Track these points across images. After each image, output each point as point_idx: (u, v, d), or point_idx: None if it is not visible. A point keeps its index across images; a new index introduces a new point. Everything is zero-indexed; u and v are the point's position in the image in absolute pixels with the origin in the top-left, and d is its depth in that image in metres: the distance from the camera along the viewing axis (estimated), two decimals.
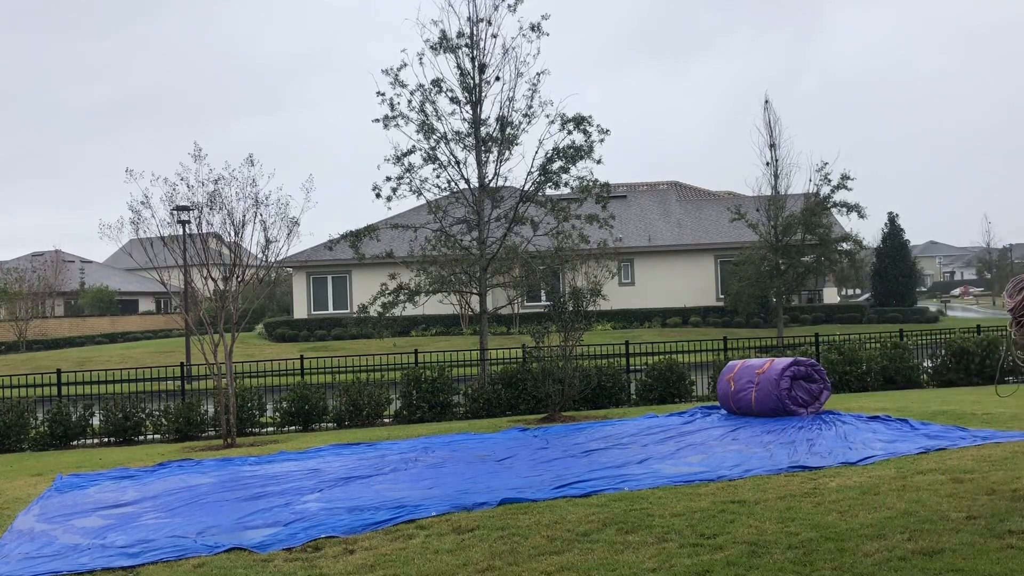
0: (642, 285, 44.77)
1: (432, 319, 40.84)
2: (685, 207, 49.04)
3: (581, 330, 15.16)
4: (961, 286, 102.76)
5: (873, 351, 18.15)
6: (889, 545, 5.77)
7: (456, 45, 20.96)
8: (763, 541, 6.08)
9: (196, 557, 6.81)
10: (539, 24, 20.88)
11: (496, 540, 6.67)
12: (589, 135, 21.06)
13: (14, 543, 7.64)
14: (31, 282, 53.64)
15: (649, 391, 17.11)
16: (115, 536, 7.64)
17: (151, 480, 10.47)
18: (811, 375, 12.75)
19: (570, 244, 22.42)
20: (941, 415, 11.77)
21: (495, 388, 16.62)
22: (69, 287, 63.92)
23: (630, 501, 7.71)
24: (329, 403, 16.50)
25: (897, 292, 45.68)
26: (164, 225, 14.58)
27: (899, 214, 51.66)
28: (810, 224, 35.24)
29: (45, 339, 50.67)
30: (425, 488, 8.91)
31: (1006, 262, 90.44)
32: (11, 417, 15.39)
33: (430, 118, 21.16)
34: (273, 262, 15.29)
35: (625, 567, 5.72)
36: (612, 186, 22.62)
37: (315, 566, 6.35)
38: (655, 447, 10.69)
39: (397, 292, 21.71)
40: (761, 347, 21.17)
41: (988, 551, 5.50)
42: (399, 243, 28.86)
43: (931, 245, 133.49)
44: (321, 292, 45.71)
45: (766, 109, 37.31)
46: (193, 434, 15.78)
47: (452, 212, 22.22)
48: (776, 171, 36.69)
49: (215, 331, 14.51)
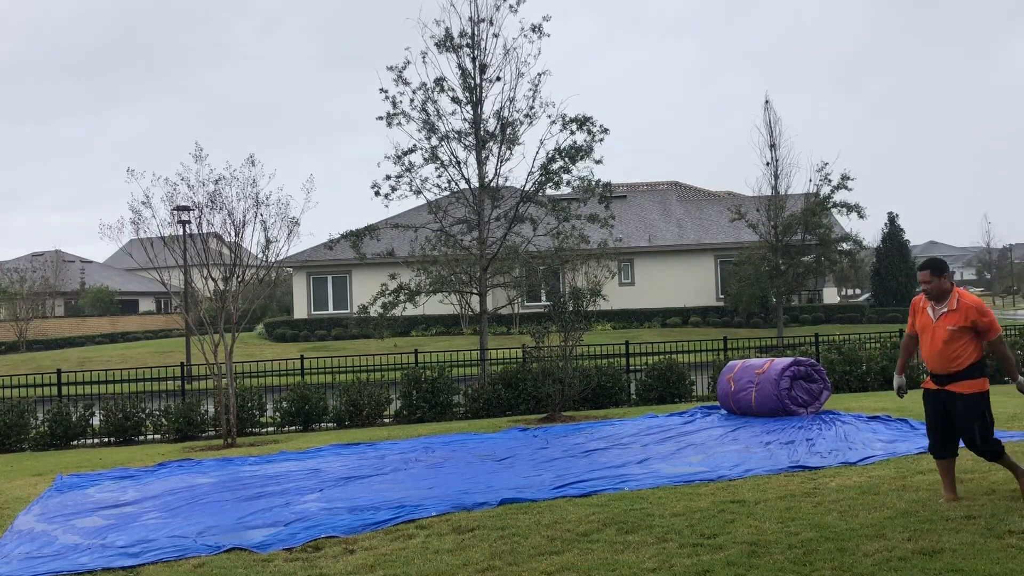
0: (642, 285, 44.76)
1: (432, 319, 40.84)
2: (685, 207, 49.04)
3: (581, 330, 15.15)
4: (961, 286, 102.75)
5: (873, 351, 18.15)
6: (889, 545, 5.77)
7: (458, 45, 20.97)
8: (763, 541, 6.08)
9: (196, 557, 6.81)
10: (540, 25, 20.92)
11: (496, 540, 6.67)
12: (593, 135, 21.08)
13: (14, 543, 7.64)
14: (31, 282, 53.64)
15: (649, 391, 17.10)
16: (115, 536, 7.64)
17: (151, 480, 10.46)
18: (811, 375, 12.75)
19: (570, 244, 22.43)
20: None
21: (495, 388, 16.62)
22: (69, 287, 63.93)
23: (630, 501, 7.71)
24: (329, 403, 16.49)
25: (897, 292, 45.67)
26: (164, 225, 14.59)
27: (899, 214, 51.78)
28: (810, 224, 35.24)
29: (45, 339, 50.68)
30: (425, 488, 8.91)
31: (1006, 262, 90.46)
32: (11, 417, 15.39)
33: (431, 117, 21.18)
34: (273, 262, 15.30)
35: (625, 567, 5.72)
36: (612, 186, 22.63)
37: (315, 566, 6.35)
38: (655, 447, 10.69)
39: (397, 292, 21.72)
40: (761, 347, 21.18)
41: (988, 551, 5.51)
42: (399, 243, 28.87)
43: (931, 245, 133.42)
44: (321, 292, 45.71)
45: (766, 109, 37.33)
46: (193, 434, 15.77)
47: (452, 212, 22.23)
48: (776, 171, 36.70)
49: (215, 331, 14.51)
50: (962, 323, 6.73)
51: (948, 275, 6.96)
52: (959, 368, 6.76)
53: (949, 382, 6.81)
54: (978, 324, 6.74)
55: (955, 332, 6.73)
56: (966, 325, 6.73)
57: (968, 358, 6.75)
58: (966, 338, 6.75)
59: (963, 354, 6.75)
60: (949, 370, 6.79)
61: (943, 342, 6.77)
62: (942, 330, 6.79)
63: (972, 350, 6.76)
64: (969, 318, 6.72)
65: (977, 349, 6.80)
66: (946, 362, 6.79)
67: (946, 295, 6.86)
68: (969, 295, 6.93)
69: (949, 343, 6.75)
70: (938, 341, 6.81)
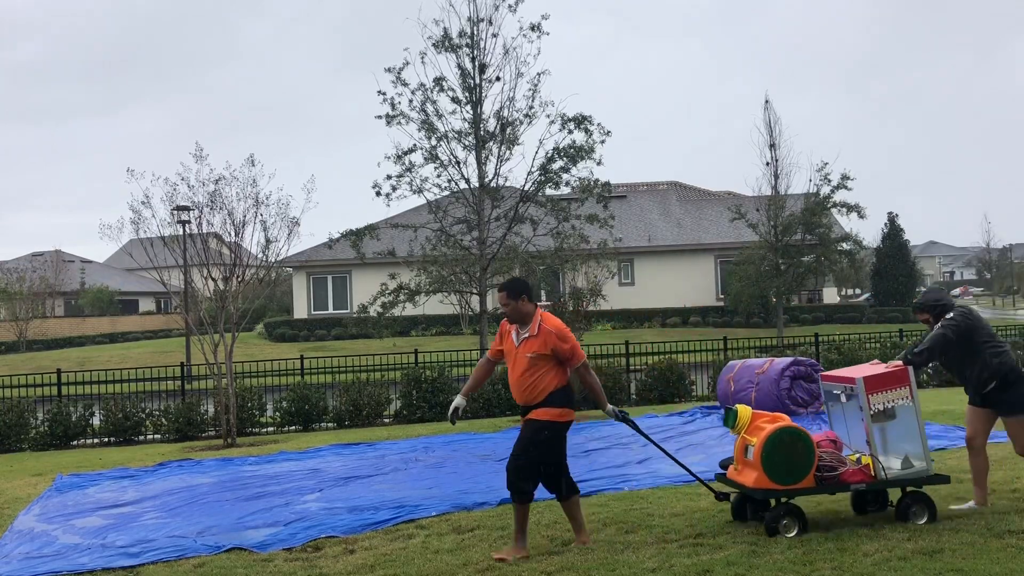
0: (642, 285, 44.74)
1: (432, 319, 40.80)
2: (685, 207, 49.03)
3: (581, 330, 15.16)
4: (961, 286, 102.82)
5: (873, 351, 18.15)
6: (889, 545, 5.77)
7: (457, 45, 20.98)
8: (763, 541, 6.08)
9: (196, 557, 6.81)
10: (539, 24, 20.91)
11: (496, 540, 6.67)
12: (590, 134, 21.07)
13: (14, 543, 7.64)
14: (31, 282, 53.60)
15: (649, 391, 17.09)
16: (115, 536, 7.64)
17: (151, 480, 10.46)
18: (811, 375, 12.75)
19: (570, 244, 22.42)
20: (941, 415, 11.77)
21: (495, 388, 16.61)
22: (69, 287, 63.85)
23: (630, 501, 7.71)
24: (329, 403, 16.49)
25: (897, 292, 45.67)
26: (164, 225, 14.59)
27: (899, 214, 51.74)
28: (810, 224, 35.22)
29: (45, 339, 50.63)
30: (425, 488, 8.91)
31: (1006, 262, 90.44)
32: (11, 417, 15.38)
33: (431, 117, 21.19)
34: (273, 262, 15.29)
35: (625, 567, 5.72)
36: (612, 186, 22.63)
37: (315, 566, 6.35)
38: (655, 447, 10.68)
39: (397, 292, 21.73)
40: (761, 347, 21.17)
41: (988, 551, 5.51)
42: (399, 243, 28.85)
43: (931, 245, 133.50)
44: (321, 292, 45.69)
45: (766, 109, 37.29)
46: (193, 434, 15.76)
47: (452, 212, 22.23)
48: (776, 171, 36.66)
49: (215, 331, 14.50)
50: (542, 350, 6.14)
51: (529, 296, 6.30)
52: (539, 398, 6.16)
53: (528, 413, 6.23)
54: (559, 351, 6.15)
55: (535, 359, 6.15)
56: (546, 352, 6.14)
57: (548, 387, 6.15)
58: (548, 365, 6.17)
59: (543, 383, 6.15)
60: (529, 401, 6.20)
61: (523, 370, 6.19)
62: (523, 357, 6.20)
63: (553, 378, 6.17)
64: (549, 344, 6.13)
65: (560, 377, 6.20)
66: (526, 391, 6.20)
67: (528, 318, 6.25)
68: (552, 319, 6.30)
69: (529, 371, 6.16)
70: (519, 369, 6.22)
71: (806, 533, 6.15)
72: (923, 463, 6.47)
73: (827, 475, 6.40)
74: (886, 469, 6.39)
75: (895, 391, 6.45)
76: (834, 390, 6.90)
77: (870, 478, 6.43)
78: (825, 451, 6.52)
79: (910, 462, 6.47)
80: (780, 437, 6.32)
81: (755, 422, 6.54)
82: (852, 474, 6.43)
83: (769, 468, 6.30)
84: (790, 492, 6.33)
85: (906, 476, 6.44)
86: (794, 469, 6.32)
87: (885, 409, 6.46)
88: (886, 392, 6.44)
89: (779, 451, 6.30)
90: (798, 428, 6.43)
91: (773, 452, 6.30)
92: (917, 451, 6.49)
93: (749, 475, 6.45)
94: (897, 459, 6.51)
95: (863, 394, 6.41)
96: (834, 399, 6.93)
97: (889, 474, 6.40)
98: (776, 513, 6.25)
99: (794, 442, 6.33)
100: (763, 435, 6.35)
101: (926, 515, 6.33)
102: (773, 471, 6.30)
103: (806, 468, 6.35)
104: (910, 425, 6.49)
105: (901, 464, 6.49)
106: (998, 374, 6.59)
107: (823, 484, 6.42)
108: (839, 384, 6.80)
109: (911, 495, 6.43)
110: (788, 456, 6.31)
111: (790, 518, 6.21)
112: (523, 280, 6.55)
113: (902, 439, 6.50)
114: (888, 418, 6.49)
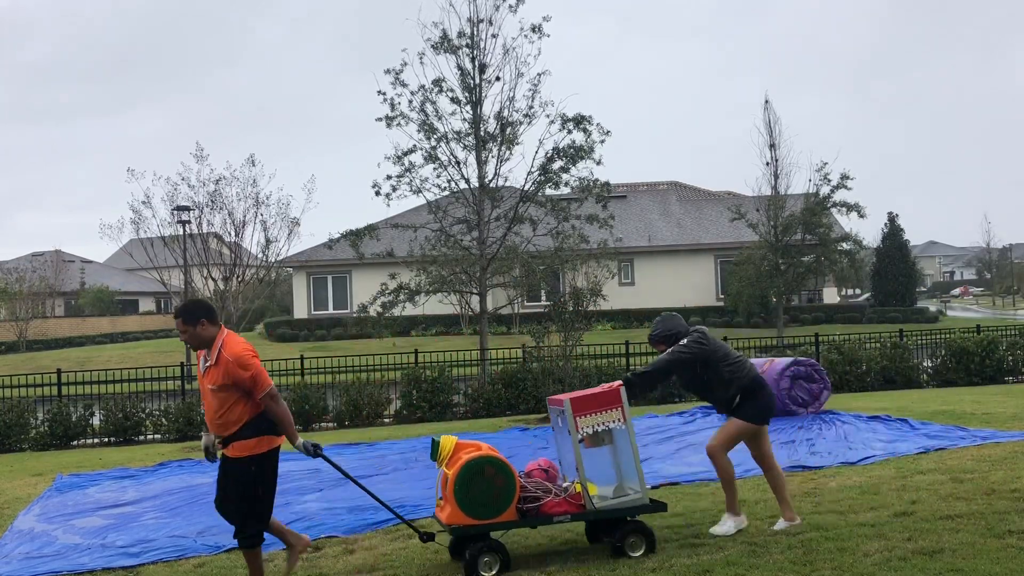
0: (642, 285, 44.75)
1: (432, 319, 40.79)
2: (685, 207, 49.04)
3: (581, 330, 15.14)
4: (961, 286, 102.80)
5: (873, 351, 18.15)
6: (889, 545, 5.77)
7: (456, 45, 20.95)
8: (763, 541, 6.08)
9: (196, 557, 6.82)
10: (540, 25, 20.89)
11: None
12: (589, 133, 21.05)
13: (14, 543, 7.64)
14: (31, 282, 53.59)
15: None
16: (115, 536, 7.64)
17: (151, 480, 10.47)
18: (811, 375, 12.75)
19: (570, 244, 22.40)
20: (941, 415, 11.77)
21: (495, 388, 16.63)
22: (69, 287, 63.86)
23: None
24: (329, 403, 16.49)
25: (897, 292, 45.67)
26: (165, 225, 14.61)
27: (899, 214, 51.73)
28: (810, 224, 35.23)
29: (45, 339, 50.63)
30: (425, 488, 8.90)
31: (1006, 262, 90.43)
32: (11, 417, 15.38)
33: (430, 118, 21.16)
34: (273, 262, 15.31)
35: (625, 567, 5.72)
36: (612, 186, 22.62)
37: (315, 566, 6.36)
38: (655, 447, 10.70)
39: (397, 292, 21.68)
40: (761, 347, 21.18)
41: (988, 551, 5.50)
42: (399, 243, 28.81)
43: (931, 245, 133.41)
44: (321, 292, 45.69)
45: (766, 109, 37.29)
46: (193, 434, 15.74)
47: (452, 212, 22.20)
48: (776, 171, 36.66)
49: None
50: (223, 380, 5.47)
51: (210, 320, 5.60)
52: (232, 429, 5.56)
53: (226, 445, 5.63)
54: (239, 381, 5.46)
55: (216, 391, 5.51)
56: (227, 383, 5.48)
57: (241, 418, 5.54)
58: (235, 395, 5.51)
59: (234, 415, 5.53)
60: (222, 433, 5.60)
61: (210, 401, 5.59)
62: (207, 389, 5.60)
63: (244, 409, 5.54)
64: (230, 374, 5.45)
65: (253, 407, 5.55)
66: (220, 425, 5.58)
67: (209, 345, 5.58)
68: (234, 345, 5.55)
69: (218, 403, 5.53)
70: (208, 399, 5.62)
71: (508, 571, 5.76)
72: (638, 491, 6.06)
73: (528, 507, 5.95)
74: (598, 498, 5.99)
75: (606, 413, 5.99)
76: (553, 413, 6.43)
77: (578, 508, 5.99)
78: (531, 480, 6.09)
79: (624, 490, 6.08)
80: (474, 467, 5.79)
81: (456, 453, 5.97)
82: (555, 505, 5.97)
83: (463, 502, 5.75)
84: (488, 527, 5.81)
85: (618, 506, 6.03)
86: (491, 501, 5.79)
87: (597, 432, 6.02)
88: (596, 414, 5.97)
89: (474, 483, 5.77)
90: (496, 457, 5.91)
91: (467, 484, 5.75)
92: (632, 478, 6.09)
93: (445, 510, 5.91)
94: (610, 487, 6.13)
95: (570, 416, 5.94)
96: (556, 423, 6.45)
97: (600, 503, 5.98)
98: (475, 550, 5.71)
99: (493, 472, 5.80)
100: (456, 466, 5.80)
101: (643, 547, 5.91)
102: (468, 505, 5.75)
103: (506, 500, 5.82)
104: (625, 450, 6.09)
105: (614, 492, 6.11)
106: (740, 386, 6.43)
107: (524, 517, 5.94)
108: (556, 407, 6.28)
109: (629, 525, 6.00)
110: (485, 488, 5.77)
111: (491, 555, 5.71)
112: (202, 302, 5.95)
113: (620, 465, 6.13)
114: (603, 442, 6.11)
